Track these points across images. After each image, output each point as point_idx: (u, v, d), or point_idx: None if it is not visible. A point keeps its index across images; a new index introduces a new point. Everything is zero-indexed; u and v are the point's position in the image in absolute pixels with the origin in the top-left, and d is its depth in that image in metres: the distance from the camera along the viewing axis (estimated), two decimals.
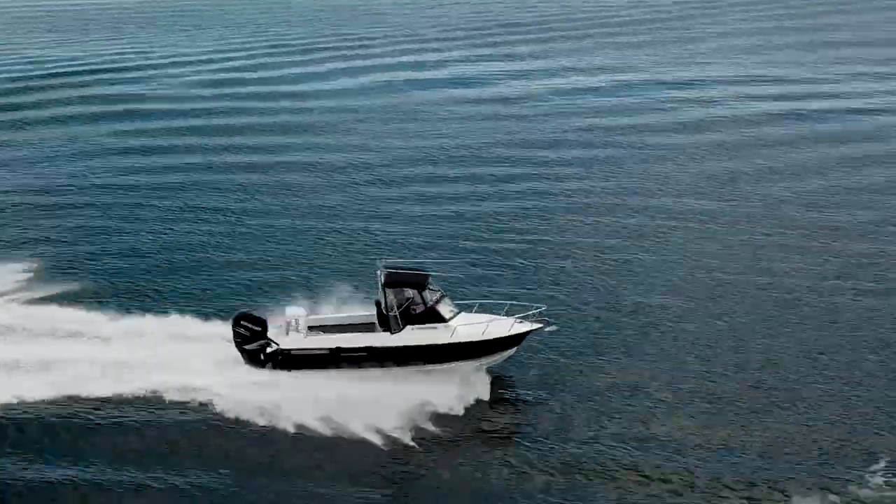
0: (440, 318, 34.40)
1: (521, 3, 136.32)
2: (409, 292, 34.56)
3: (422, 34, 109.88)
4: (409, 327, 34.27)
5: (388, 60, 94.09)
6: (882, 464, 30.12)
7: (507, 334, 34.78)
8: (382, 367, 34.43)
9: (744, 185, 55.65)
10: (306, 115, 73.38)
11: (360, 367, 34.35)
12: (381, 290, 34.71)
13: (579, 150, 62.99)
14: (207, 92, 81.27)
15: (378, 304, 35.97)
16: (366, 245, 47.43)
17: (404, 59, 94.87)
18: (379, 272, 35.03)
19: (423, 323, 34.29)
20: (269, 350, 34.87)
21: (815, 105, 72.38)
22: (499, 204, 53.20)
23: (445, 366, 34.74)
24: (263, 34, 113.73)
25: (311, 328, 35.29)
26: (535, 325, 35.30)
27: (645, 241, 47.85)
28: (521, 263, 45.32)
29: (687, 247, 47.23)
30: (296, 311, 35.52)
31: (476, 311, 35.81)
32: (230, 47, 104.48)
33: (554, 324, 36.18)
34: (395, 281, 34.57)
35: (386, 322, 35.09)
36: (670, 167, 59.41)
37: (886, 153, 61.16)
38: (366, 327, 35.75)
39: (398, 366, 34.46)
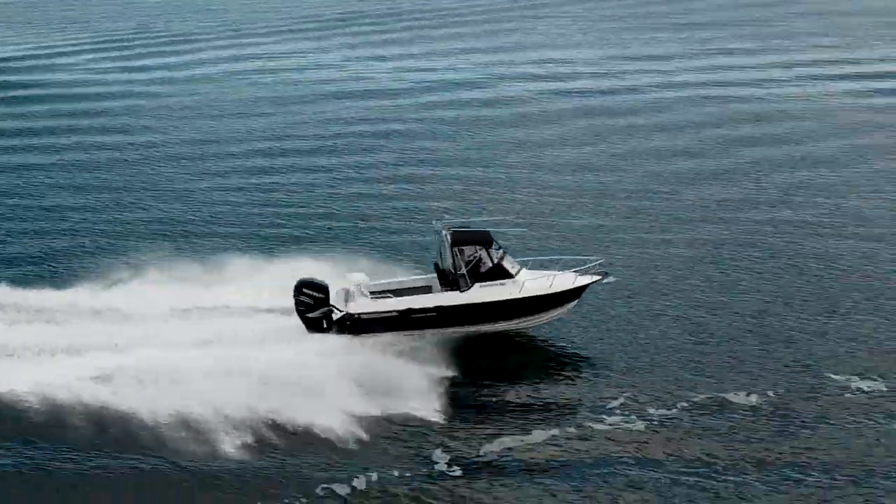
0: (507, 274, 34.18)
1: None
2: (476, 250, 34.30)
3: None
4: (477, 285, 34.01)
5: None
6: None
7: (572, 286, 34.71)
8: (452, 327, 34.15)
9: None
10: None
11: (430, 329, 34.01)
12: (447, 249, 34.30)
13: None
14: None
15: (437, 266, 35.64)
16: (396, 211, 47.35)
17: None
18: (444, 233, 34.60)
19: (491, 280, 34.07)
20: (333, 316, 34.34)
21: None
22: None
23: (514, 323, 34.63)
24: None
25: (371, 293, 34.82)
26: (596, 278, 35.36)
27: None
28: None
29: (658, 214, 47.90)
30: (358, 277, 35.02)
31: (531, 268, 35.75)
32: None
33: (612, 275, 36.33)
34: (462, 239, 34.22)
35: (448, 283, 34.81)
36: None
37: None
38: (424, 290, 35.38)
39: (468, 325, 34.21)
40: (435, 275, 35.61)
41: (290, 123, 64.79)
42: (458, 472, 28.09)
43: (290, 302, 34.57)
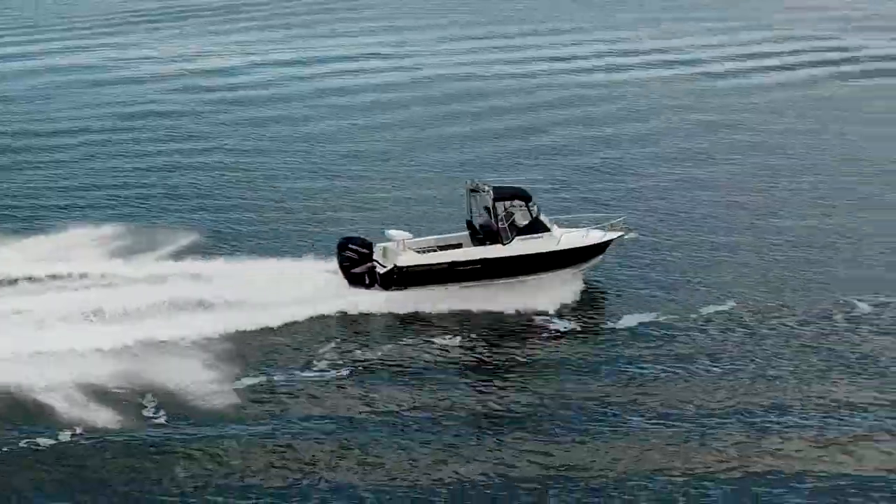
0: (545, 228, 35.69)
1: None
2: (515, 205, 35.73)
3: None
4: (517, 238, 35.40)
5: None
6: None
7: (603, 240, 36.45)
8: (494, 279, 35.43)
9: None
10: None
11: (473, 281, 35.23)
12: (490, 204, 35.57)
13: None
14: None
15: (469, 223, 36.90)
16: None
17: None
18: (487, 189, 35.85)
19: (530, 233, 35.53)
20: (378, 271, 35.23)
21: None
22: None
23: (551, 273, 36.10)
24: None
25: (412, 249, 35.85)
26: (620, 233, 37.14)
27: None
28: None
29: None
30: (399, 233, 36.03)
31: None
32: None
33: (634, 231, 38.19)
34: (503, 195, 35.63)
35: (479, 239, 36.12)
36: None
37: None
38: (456, 247, 36.59)
39: (508, 277, 35.54)
40: (467, 232, 36.93)
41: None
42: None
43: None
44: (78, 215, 43.06)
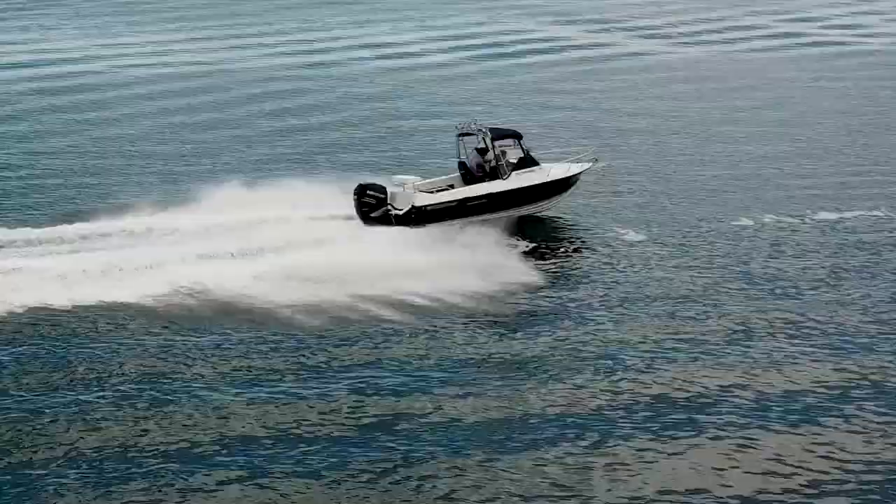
0: (535, 162, 40.29)
1: None
2: (509, 143, 40.15)
3: None
4: (514, 173, 39.82)
5: None
6: None
7: (582, 170, 41.39)
8: (497, 212, 39.71)
9: None
10: None
11: (479, 216, 39.40)
12: (489, 143, 39.81)
13: None
14: None
15: (463, 164, 41.03)
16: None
17: None
18: (484, 130, 40.04)
19: (524, 168, 40.02)
20: (394, 212, 38.85)
21: None
22: None
23: (545, 203, 40.77)
24: None
25: (422, 191, 39.71)
26: (591, 163, 42.17)
27: None
28: None
29: None
30: (408, 178, 39.80)
31: None
32: None
33: (604, 161, 43.30)
34: (499, 135, 40.04)
35: (474, 178, 40.37)
36: None
37: None
38: (451, 187, 40.69)
39: (509, 209, 39.91)
40: (458, 174, 41.03)
41: None
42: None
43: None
44: None
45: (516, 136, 40.36)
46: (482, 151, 40.66)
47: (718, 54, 77.91)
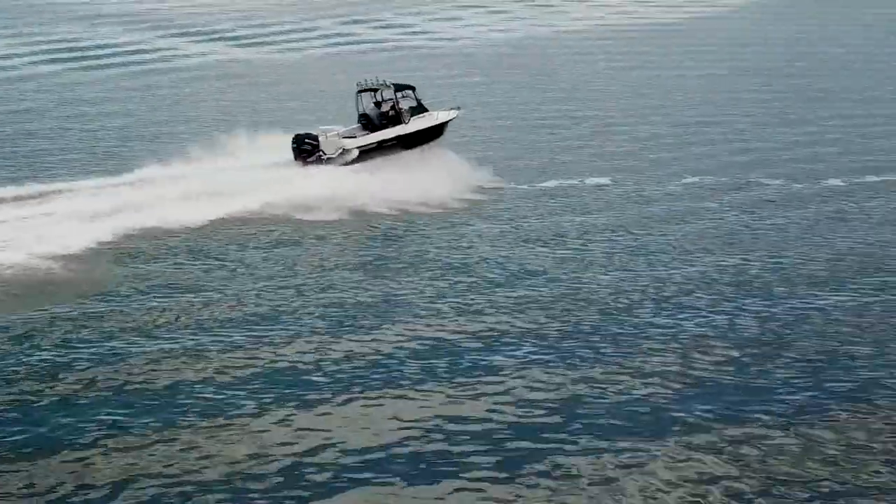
0: (426, 109, 49.56)
1: None
2: (407, 94, 49.04)
3: None
4: (413, 118, 48.79)
5: None
6: None
7: (455, 115, 51.14)
8: (404, 150, 48.52)
9: None
10: None
11: (393, 152, 48.05)
12: (392, 94, 48.51)
13: None
14: None
15: (365, 115, 49.32)
16: None
17: None
18: (389, 84, 48.59)
19: (419, 114, 49.15)
20: (326, 156, 46.56)
21: None
22: None
23: (435, 141, 50.03)
24: None
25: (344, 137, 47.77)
26: (457, 110, 52.03)
27: None
28: None
29: None
30: (331, 127, 47.70)
31: None
32: None
33: (461, 108, 53.13)
34: (400, 87, 48.86)
35: (373, 127, 48.93)
36: None
37: None
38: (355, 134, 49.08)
39: (412, 147, 48.80)
40: (356, 125, 49.34)
41: None
42: None
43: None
44: None
45: (412, 87, 49.37)
46: (377, 104, 49.28)
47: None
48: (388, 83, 49.24)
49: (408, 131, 48.66)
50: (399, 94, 48.95)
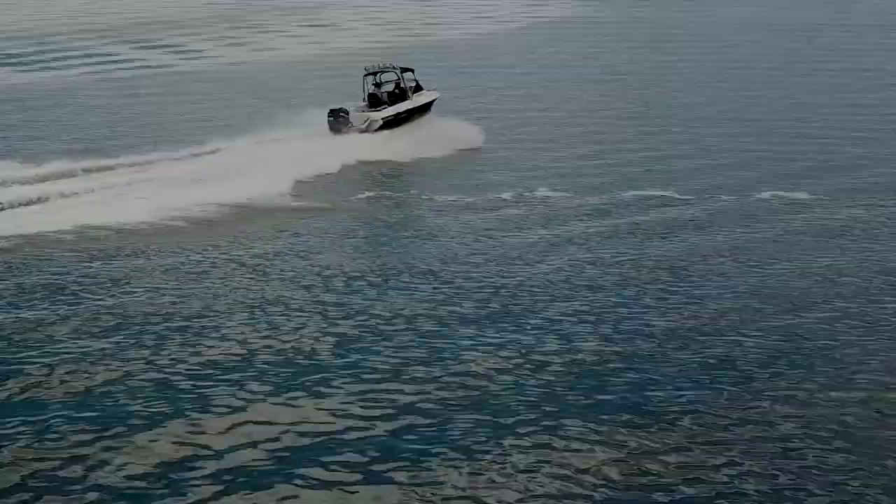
0: (421, 88, 59.44)
1: None
2: (409, 76, 58.71)
3: None
4: (414, 95, 58.56)
5: None
6: None
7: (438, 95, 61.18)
8: (412, 121, 58.10)
9: None
10: None
11: (406, 123, 57.58)
12: (399, 75, 57.89)
13: None
14: None
15: (372, 94, 58.42)
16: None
17: None
18: (396, 67, 57.92)
19: (418, 91, 58.98)
20: (355, 127, 55.48)
21: None
22: None
23: (425, 115, 59.75)
24: None
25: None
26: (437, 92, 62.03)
27: None
28: None
29: None
30: (355, 103, 56.64)
31: None
32: None
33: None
34: (403, 69, 58.48)
35: (378, 104, 58.29)
36: None
37: None
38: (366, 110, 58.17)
39: (416, 118, 58.33)
40: (365, 103, 58.29)
41: None
42: None
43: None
44: None
45: (411, 69, 59.20)
46: (378, 85, 58.73)
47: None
48: (395, 66, 58.89)
49: (414, 105, 58.33)
50: (405, 76, 58.61)
